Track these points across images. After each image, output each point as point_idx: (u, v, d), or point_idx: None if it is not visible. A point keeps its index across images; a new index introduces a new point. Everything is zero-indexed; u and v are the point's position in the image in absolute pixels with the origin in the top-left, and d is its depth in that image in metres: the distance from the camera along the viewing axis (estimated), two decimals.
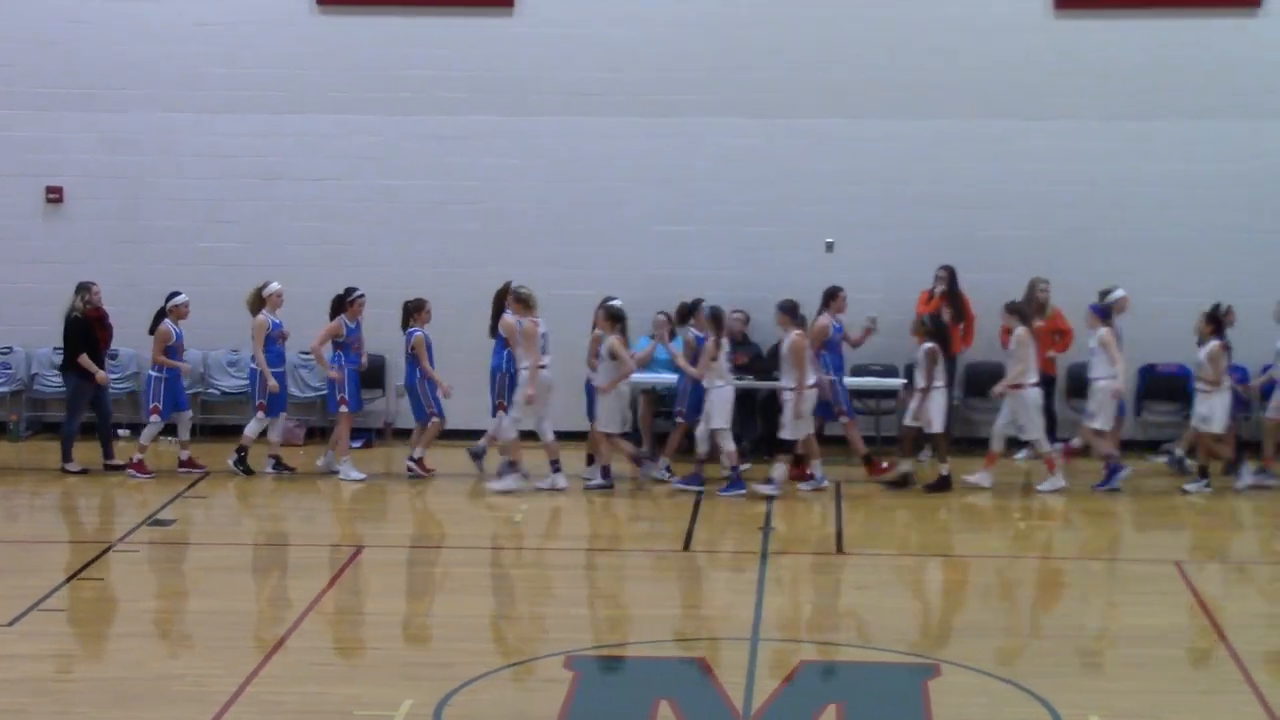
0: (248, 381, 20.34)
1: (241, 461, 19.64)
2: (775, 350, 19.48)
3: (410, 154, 21.64)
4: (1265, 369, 19.93)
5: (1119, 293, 19.93)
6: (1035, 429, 19.17)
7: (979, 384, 20.78)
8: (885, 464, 19.55)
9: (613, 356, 18.77)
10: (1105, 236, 21.11)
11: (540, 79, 21.49)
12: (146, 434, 19.65)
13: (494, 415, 19.53)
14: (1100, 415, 19.19)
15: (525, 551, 17.24)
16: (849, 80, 21.32)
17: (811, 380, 18.68)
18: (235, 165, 21.66)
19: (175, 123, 21.67)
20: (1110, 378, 19.09)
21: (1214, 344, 18.97)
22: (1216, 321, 19.16)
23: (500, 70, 21.51)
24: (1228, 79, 21.09)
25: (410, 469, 19.57)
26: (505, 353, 19.38)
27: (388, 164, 21.64)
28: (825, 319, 19.66)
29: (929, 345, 18.89)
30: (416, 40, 21.55)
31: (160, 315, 19.65)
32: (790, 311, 18.76)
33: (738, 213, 21.42)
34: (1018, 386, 19.02)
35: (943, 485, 18.98)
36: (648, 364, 20.14)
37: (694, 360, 19.11)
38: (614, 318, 18.90)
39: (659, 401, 20.71)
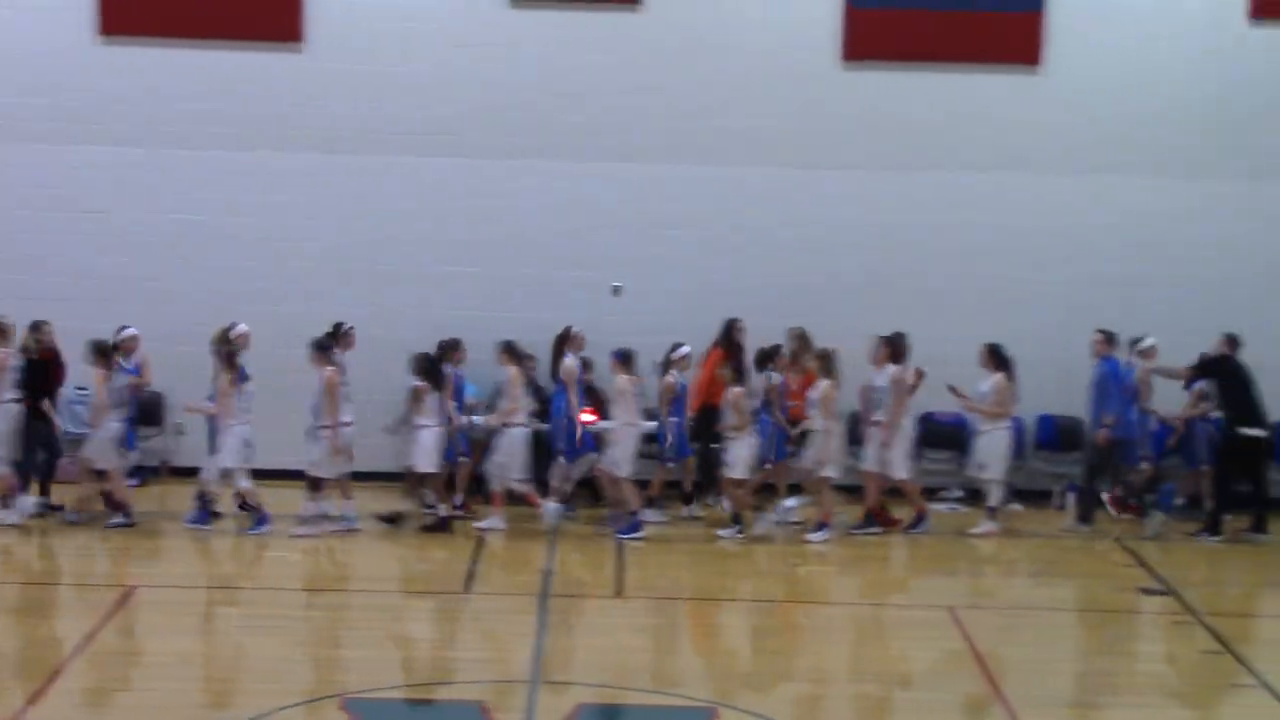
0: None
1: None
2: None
3: (197, 188, 21.28)
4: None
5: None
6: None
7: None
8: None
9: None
10: (888, 285, 21.34)
11: (329, 115, 21.28)
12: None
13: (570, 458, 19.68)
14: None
15: (304, 593, 17.00)
16: (639, 125, 21.38)
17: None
18: (9, 196, 21.20)
19: None
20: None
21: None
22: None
23: (289, 105, 21.28)
24: (1009, 135, 21.45)
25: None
26: (565, 398, 19.42)
27: (173, 198, 21.27)
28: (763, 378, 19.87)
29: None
30: (203, 73, 21.21)
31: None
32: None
33: (525, 255, 21.37)
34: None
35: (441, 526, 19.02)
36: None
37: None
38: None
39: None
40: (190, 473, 19.69)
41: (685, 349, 19.81)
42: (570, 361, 19.65)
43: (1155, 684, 14.63)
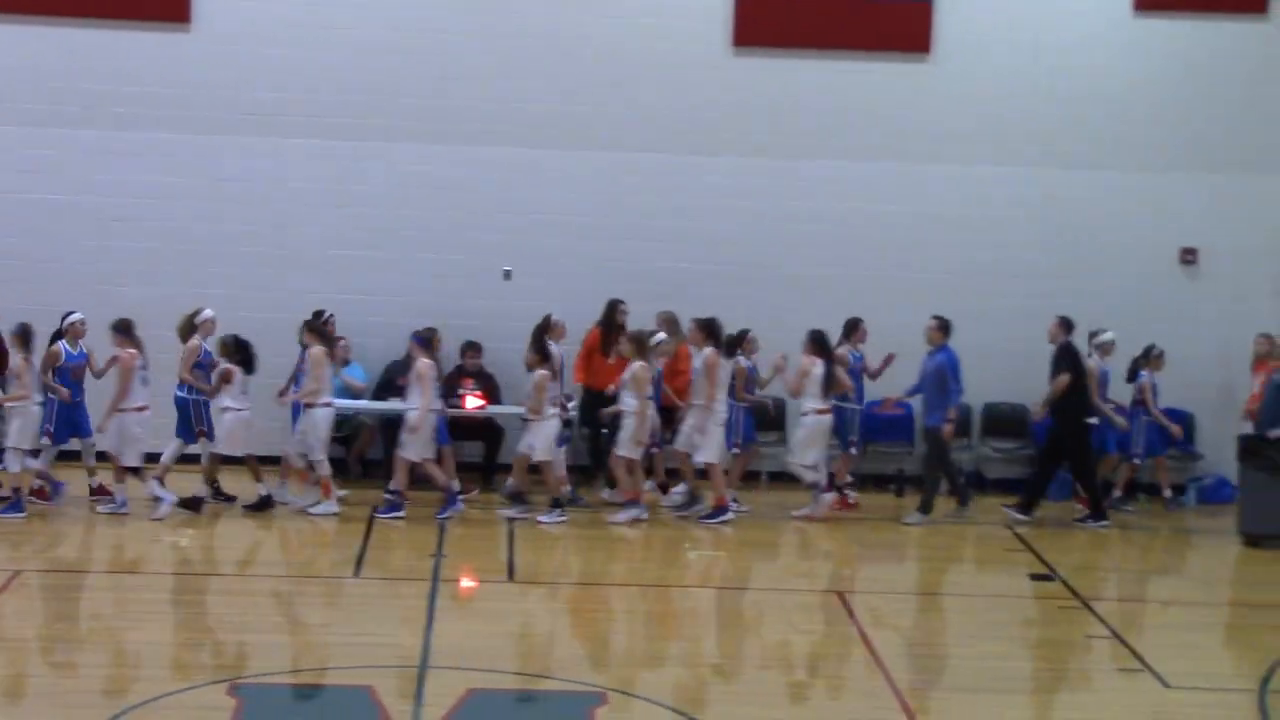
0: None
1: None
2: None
3: (80, 168, 21.09)
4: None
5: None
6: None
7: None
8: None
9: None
10: (770, 271, 21.48)
11: (216, 97, 21.15)
12: (42, 458, 18.91)
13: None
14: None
15: (193, 577, 16.85)
16: (527, 110, 21.40)
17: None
18: None
19: None
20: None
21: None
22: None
23: (174, 86, 21.12)
24: (897, 122, 21.62)
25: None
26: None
27: (56, 178, 21.06)
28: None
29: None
30: (89, 52, 21.01)
31: (56, 335, 18.85)
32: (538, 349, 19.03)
33: (416, 238, 21.33)
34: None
35: (264, 505, 19.00)
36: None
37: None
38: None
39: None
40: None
41: (659, 336, 19.78)
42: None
43: (1043, 669, 14.77)
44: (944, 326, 19.55)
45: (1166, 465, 20.92)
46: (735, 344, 19.72)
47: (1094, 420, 19.62)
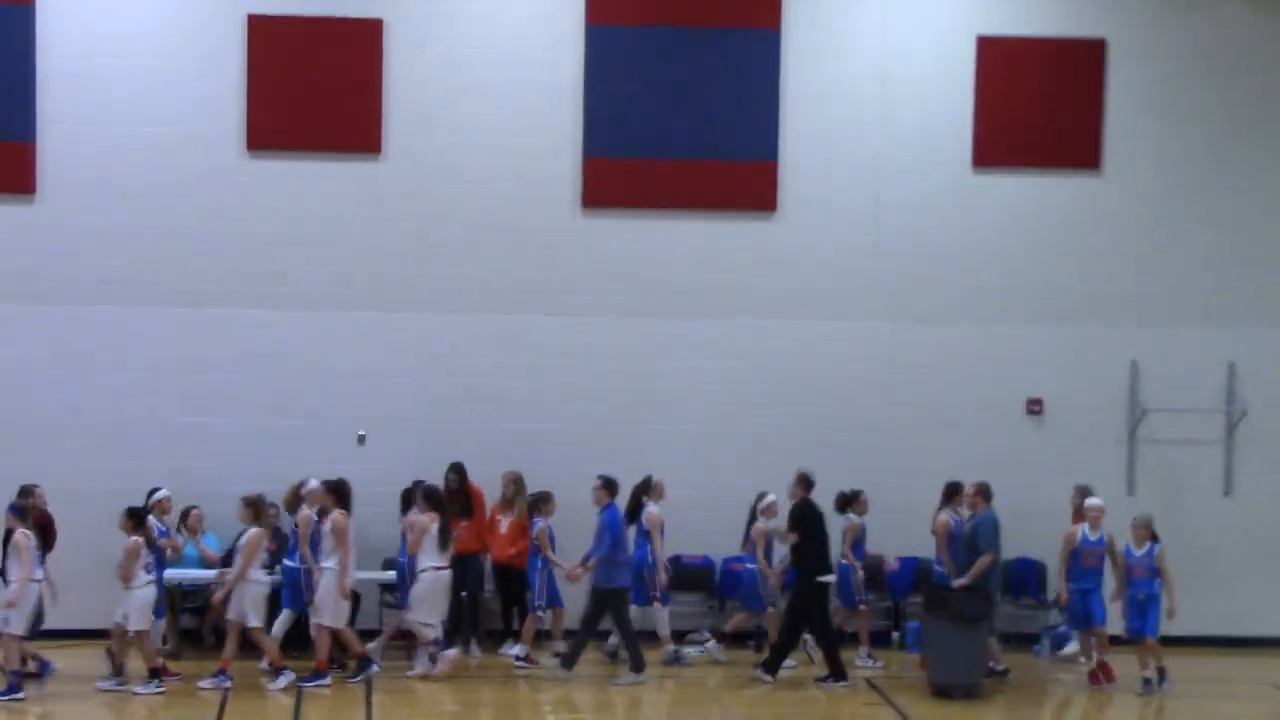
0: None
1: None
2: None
3: None
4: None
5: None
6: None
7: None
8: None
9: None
10: (614, 429, 21.56)
11: (59, 268, 21.03)
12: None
13: (648, 605, 20.03)
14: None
15: None
16: (369, 274, 21.46)
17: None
18: None
19: None
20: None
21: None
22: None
23: (16, 258, 20.99)
24: (744, 279, 21.86)
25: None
26: (648, 545, 19.77)
27: None
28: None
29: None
30: None
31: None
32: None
33: (265, 404, 21.23)
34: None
35: None
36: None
37: None
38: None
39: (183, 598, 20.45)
40: None
41: (771, 498, 20.09)
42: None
43: None
44: (608, 485, 19.43)
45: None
46: (848, 502, 20.30)
47: (829, 579, 19.60)
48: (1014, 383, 22.09)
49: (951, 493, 20.27)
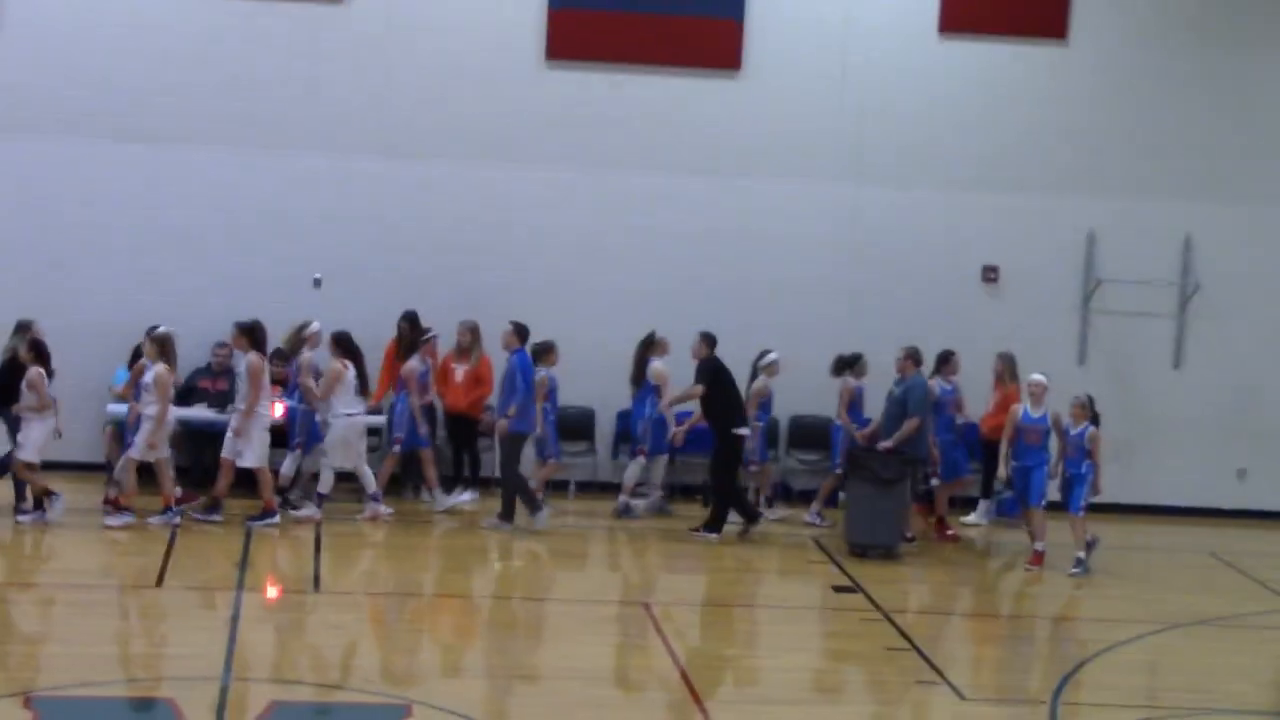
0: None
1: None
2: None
3: None
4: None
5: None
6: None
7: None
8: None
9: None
10: (571, 283, 21.60)
11: (13, 99, 20.80)
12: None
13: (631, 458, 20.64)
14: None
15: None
16: (335, 117, 21.30)
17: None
18: None
19: None
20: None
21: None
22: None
23: None
24: (707, 137, 21.81)
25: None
26: (651, 399, 20.20)
27: None
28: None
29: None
30: None
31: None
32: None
33: (219, 244, 21.13)
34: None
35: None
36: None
37: None
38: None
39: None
40: None
41: (773, 355, 20.25)
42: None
43: (843, 681, 15.01)
44: (519, 331, 19.58)
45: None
46: (846, 365, 20.45)
47: (745, 431, 19.80)
48: (971, 249, 22.18)
49: (942, 361, 20.59)
